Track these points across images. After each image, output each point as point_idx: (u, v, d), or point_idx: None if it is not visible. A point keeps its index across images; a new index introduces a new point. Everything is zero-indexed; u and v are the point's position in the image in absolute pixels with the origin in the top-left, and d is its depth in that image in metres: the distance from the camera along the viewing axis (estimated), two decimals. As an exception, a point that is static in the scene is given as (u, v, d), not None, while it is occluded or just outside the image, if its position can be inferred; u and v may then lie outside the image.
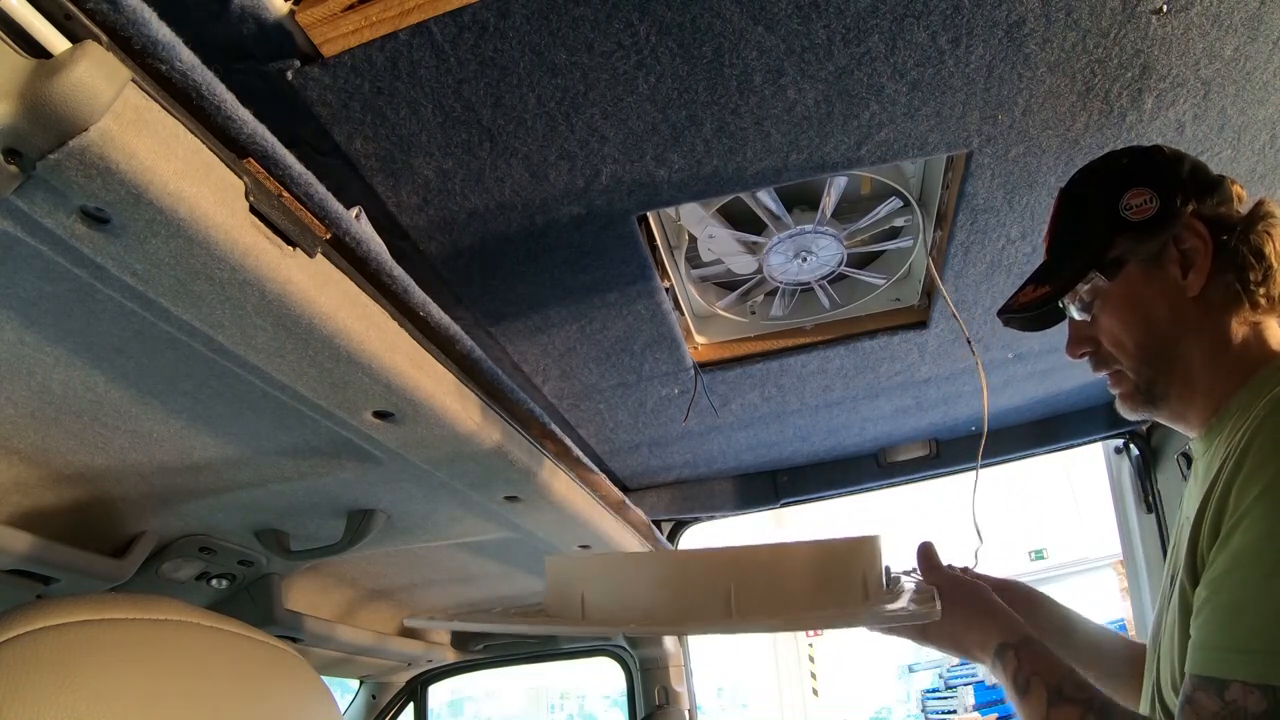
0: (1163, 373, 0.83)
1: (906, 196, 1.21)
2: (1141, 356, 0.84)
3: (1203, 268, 0.80)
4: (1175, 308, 0.82)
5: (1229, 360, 0.80)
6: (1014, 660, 0.81)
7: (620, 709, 8.77)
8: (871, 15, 0.81)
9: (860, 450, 2.05)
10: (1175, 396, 0.84)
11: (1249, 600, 0.60)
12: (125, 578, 1.09)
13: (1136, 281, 0.84)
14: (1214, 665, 0.61)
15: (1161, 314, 0.82)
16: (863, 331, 1.49)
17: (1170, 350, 0.82)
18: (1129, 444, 1.91)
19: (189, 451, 0.94)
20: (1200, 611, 0.65)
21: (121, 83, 0.46)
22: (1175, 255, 0.82)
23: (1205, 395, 0.81)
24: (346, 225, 0.66)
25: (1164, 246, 0.82)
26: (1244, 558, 0.61)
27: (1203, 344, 0.81)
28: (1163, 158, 0.85)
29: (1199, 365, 0.81)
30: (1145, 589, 1.92)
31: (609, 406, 1.63)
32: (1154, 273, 0.83)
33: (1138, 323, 0.84)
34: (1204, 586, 0.65)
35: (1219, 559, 0.64)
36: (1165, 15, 0.86)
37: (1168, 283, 0.82)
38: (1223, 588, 0.63)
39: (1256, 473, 0.64)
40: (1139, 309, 0.84)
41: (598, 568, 0.80)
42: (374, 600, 1.84)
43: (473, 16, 0.77)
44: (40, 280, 0.61)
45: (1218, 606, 0.62)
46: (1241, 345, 0.80)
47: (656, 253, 1.24)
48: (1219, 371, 0.80)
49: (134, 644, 0.66)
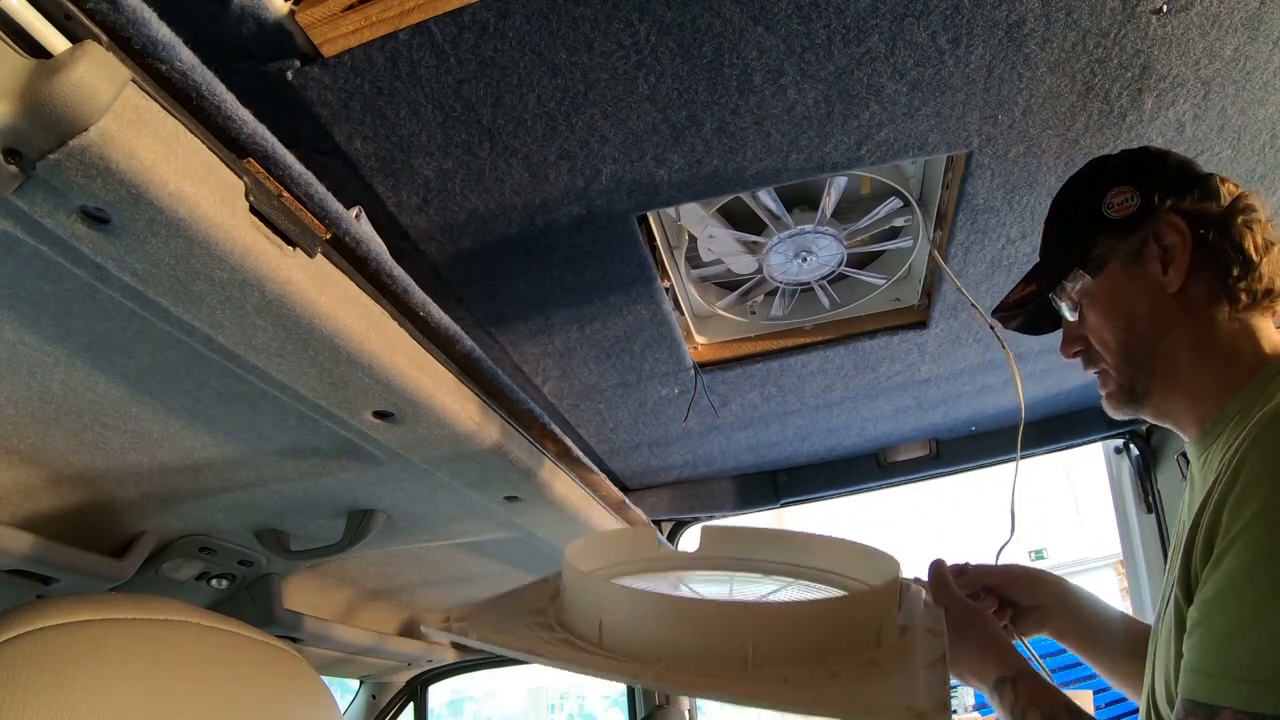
0: (1144, 370, 0.83)
1: (906, 196, 1.21)
2: (1124, 354, 0.85)
3: (1182, 263, 0.80)
4: (1157, 304, 0.82)
5: (1216, 360, 0.79)
6: (1010, 693, 0.82)
7: (620, 709, 8.77)
8: (871, 15, 0.81)
9: (860, 450, 2.05)
10: (1158, 394, 0.83)
11: (1240, 627, 0.59)
12: (125, 578, 1.09)
13: (1119, 279, 0.84)
14: (1205, 691, 0.60)
15: (1143, 310, 0.83)
16: (863, 331, 1.49)
17: (1152, 347, 0.82)
18: (1129, 444, 1.91)
19: (189, 451, 0.94)
20: (1192, 633, 0.64)
21: (121, 83, 0.46)
22: (1156, 251, 0.82)
23: (1192, 396, 0.81)
24: (346, 225, 0.66)
25: (1144, 243, 0.82)
26: (1236, 582, 0.61)
27: (1186, 341, 0.80)
28: (1147, 157, 0.86)
29: (1182, 363, 0.81)
30: (1145, 589, 1.92)
31: (609, 406, 1.63)
32: (1135, 270, 0.83)
33: (1120, 319, 0.84)
34: (1196, 607, 0.65)
35: (1211, 580, 0.63)
36: (1165, 15, 0.86)
37: (1149, 279, 0.82)
38: (1215, 611, 0.62)
39: (1249, 494, 0.62)
40: (1121, 306, 0.84)
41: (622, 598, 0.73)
42: (374, 600, 1.84)
43: (473, 16, 0.77)
44: (40, 280, 0.61)
45: (1209, 630, 0.62)
46: (1229, 345, 0.79)
47: (656, 253, 1.24)
48: (1206, 371, 0.79)
49: (134, 644, 0.66)
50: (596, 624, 0.70)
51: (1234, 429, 0.74)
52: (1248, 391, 0.76)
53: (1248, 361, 0.77)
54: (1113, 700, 3.89)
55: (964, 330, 1.48)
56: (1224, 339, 0.79)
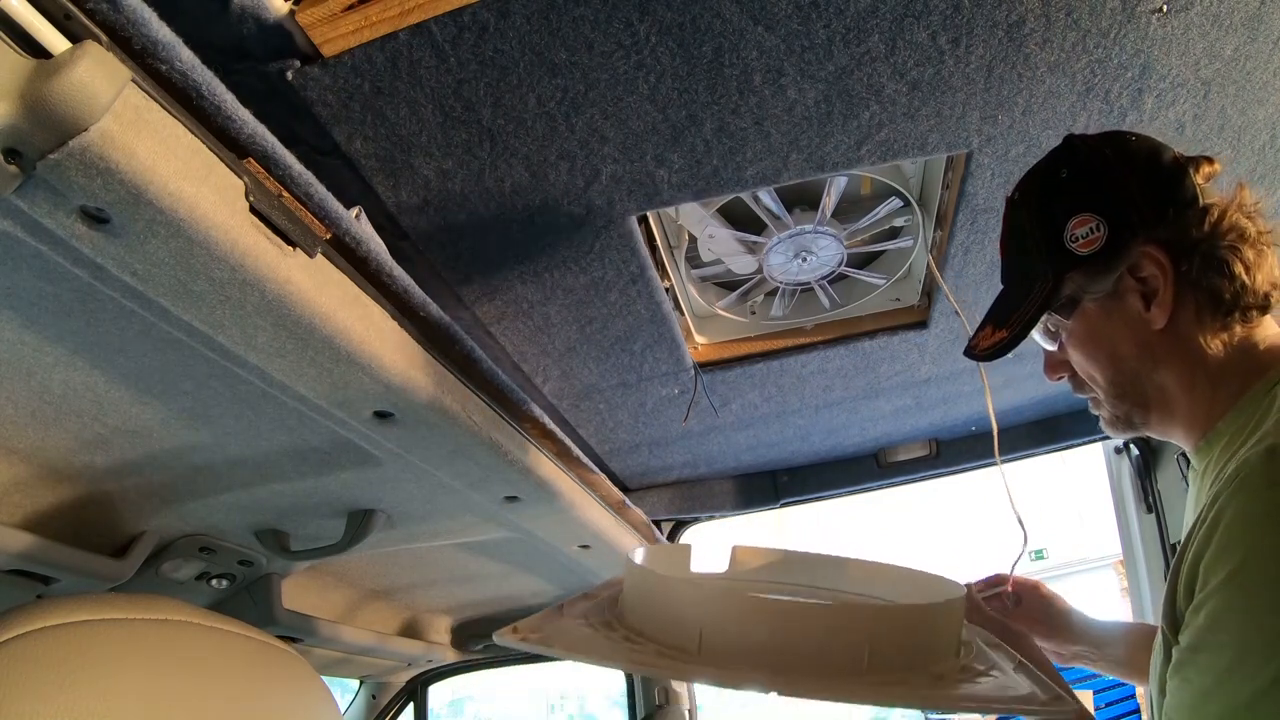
0: (1139, 405, 0.79)
1: (906, 196, 1.21)
2: (1114, 392, 0.80)
3: (1165, 299, 0.73)
4: (1142, 342, 0.75)
5: (1207, 381, 0.74)
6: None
7: (620, 709, 8.77)
8: (871, 15, 0.81)
9: (860, 450, 2.05)
10: (1156, 422, 0.80)
11: (1212, 687, 0.58)
12: (125, 578, 1.09)
13: (1095, 319, 0.78)
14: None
15: (1128, 350, 0.77)
16: (863, 331, 1.49)
17: (1142, 383, 0.77)
18: (1129, 444, 1.91)
19: (189, 451, 0.94)
20: (1174, 674, 0.63)
21: (121, 83, 0.46)
22: (1134, 285, 0.75)
23: (1187, 417, 0.77)
24: (346, 225, 0.66)
25: (1119, 278, 0.75)
26: (1207, 643, 0.60)
27: (1177, 371, 0.75)
28: (1106, 165, 0.76)
29: (1176, 392, 0.76)
30: (1145, 589, 1.92)
31: (609, 406, 1.63)
32: (1113, 307, 0.76)
33: (1103, 359, 0.79)
34: (1178, 650, 0.63)
35: (1190, 627, 0.62)
36: (1165, 15, 0.86)
37: (1130, 316, 0.75)
38: (1191, 663, 0.61)
39: (1224, 555, 0.60)
40: (1103, 346, 0.78)
41: (720, 601, 0.70)
42: (374, 600, 1.84)
43: (473, 16, 0.77)
44: (40, 280, 0.61)
45: (1185, 681, 0.61)
46: (1222, 363, 0.73)
47: (656, 253, 1.24)
48: (1197, 393, 0.75)
49: (134, 644, 0.66)
50: (697, 632, 0.67)
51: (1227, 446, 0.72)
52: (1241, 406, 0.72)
53: (1241, 373, 0.73)
54: (1113, 700, 3.89)
55: (964, 330, 1.48)
56: (1215, 359, 0.74)
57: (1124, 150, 0.77)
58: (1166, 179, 0.75)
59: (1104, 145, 0.78)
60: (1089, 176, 0.77)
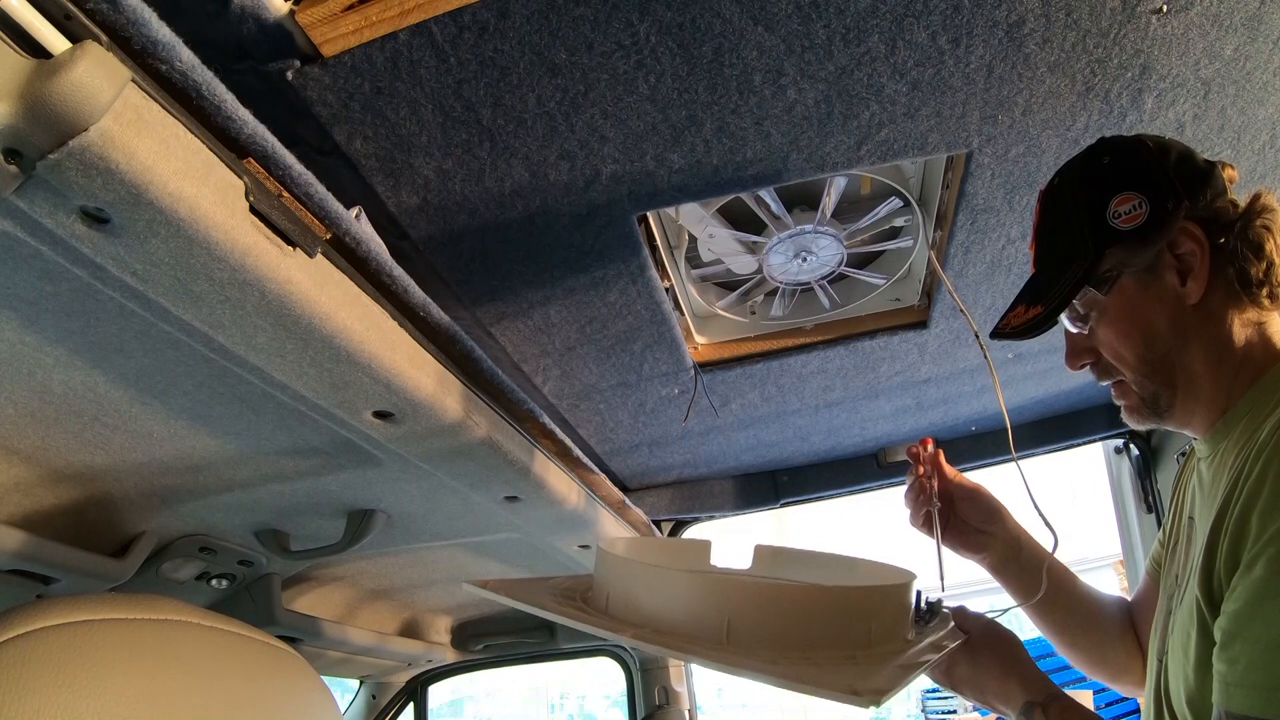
0: (1167, 385, 0.80)
1: (906, 196, 1.21)
2: (1144, 370, 0.81)
3: (1201, 274, 0.76)
4: (1175, 318, 0.78)
5: (1232, 363, 0.77)
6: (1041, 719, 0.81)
7: (620, 709, 8.77)
8: (871, 15, 0.81)
9: (860, 450, 2.05)
10: (1180, 407, 0.81)
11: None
12: (125, 578, 1.10)
13: (1132, 293, 0.80)
14: (1252, 703, 0.59)
15: (1161, 325, 0.79)
16: (863, 331, 1.49)
17: (1173, 361, 0.79)
18: (1129, 444, 1.91)
19: (189, 451, 0.94)
20: (1229, 645, 0.62)
21: (121, 83, 0.46)
22: (1171, 261, 0.78)
23: (1209, 400, 0.79)
24: (346, 225, 0.66)
25: (1159, 254, 0.78)
26: (1272, 591, 0.59)
27: (1205, 350, 0.78)
28: (1147, 153, 0.80)
29: (1202, 372, 0.78)
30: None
31: (609, 406, 1.63)
32: (1150, 282, 0.79)
33: (1137, 336, 0.81)
34: (1228, 618, 0.63)
35: (1241, 588, 0.62)
36: (1165, 15, 0.86)
37: (1165, 292, 0.78)
38: (1253, 622, 0.60)
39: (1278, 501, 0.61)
40: (1137, 322, 0.80)
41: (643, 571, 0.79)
42: (374, 600, 1.84)
43: (473, 16, 0.77)
44: (40, 280, 0.61)
45: (1250, 642, 0.60)
46: (1245, 347, 0.77)
47: (656, 253, 1.24)
48: (1222, 375, 0.78)
49: (134, 644, 0.66)
50: (605, 595, 0.78)
51: (1247, 423, 0.74)
52: (1261, 384, 0.75)
53: (1259, 359, 0.76)
54: (1113, 700, 3.88)
55: (964, 330, 1.48)
56: (1240, 343, 0.77)
57: (1161, 142, 0.82)
58: (1200, 168, 0.80)
59: (1141, 138, 0.83)
60: (1132, 160, 0.81)
